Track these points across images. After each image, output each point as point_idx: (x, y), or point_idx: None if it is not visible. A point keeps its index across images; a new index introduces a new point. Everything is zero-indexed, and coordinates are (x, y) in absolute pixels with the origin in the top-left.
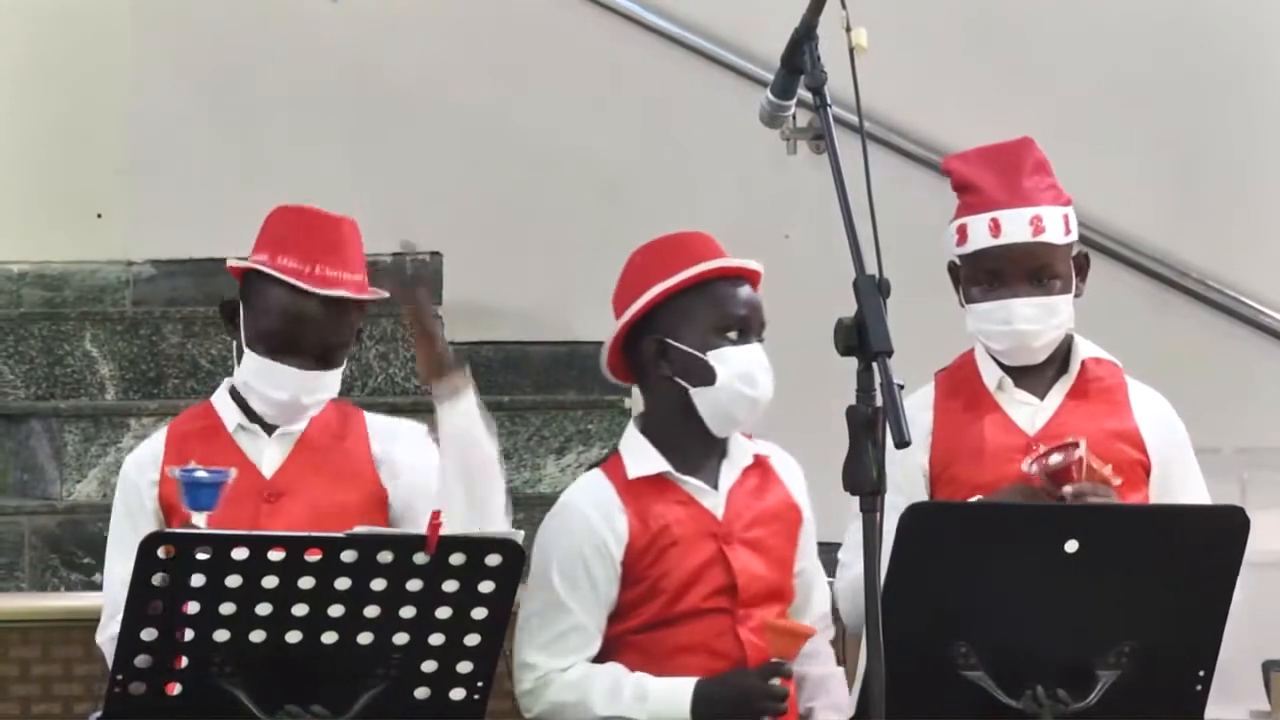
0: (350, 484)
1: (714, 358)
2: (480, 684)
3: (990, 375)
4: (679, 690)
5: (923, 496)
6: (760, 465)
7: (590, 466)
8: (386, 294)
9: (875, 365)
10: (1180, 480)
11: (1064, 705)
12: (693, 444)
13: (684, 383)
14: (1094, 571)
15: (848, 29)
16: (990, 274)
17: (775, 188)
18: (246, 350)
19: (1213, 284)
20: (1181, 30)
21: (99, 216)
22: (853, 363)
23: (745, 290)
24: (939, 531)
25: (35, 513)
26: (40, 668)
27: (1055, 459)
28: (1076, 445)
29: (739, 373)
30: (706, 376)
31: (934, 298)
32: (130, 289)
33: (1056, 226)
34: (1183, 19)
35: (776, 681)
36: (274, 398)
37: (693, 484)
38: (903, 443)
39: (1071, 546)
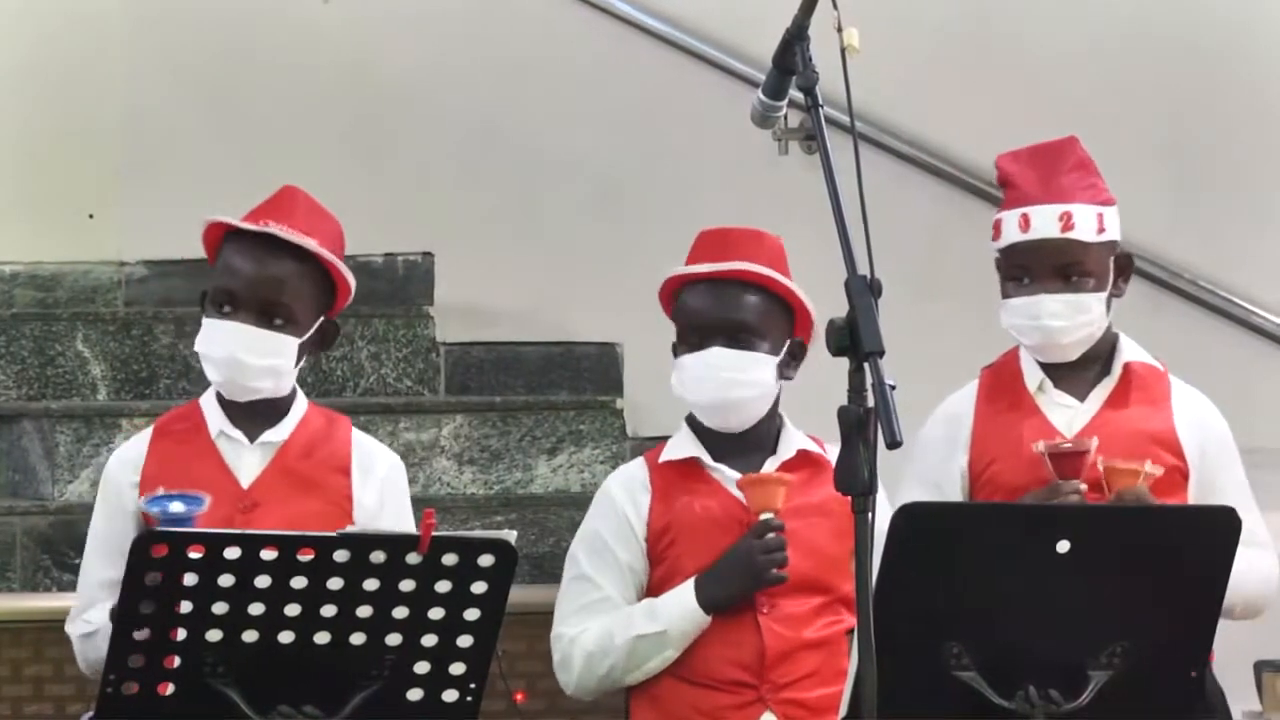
0: (326, 498)
1: (675, 366)
2: (473, 685)
3: (1032, 376)
4: (683, 588)
5: (960, 497)
6: (811, 461)
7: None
8: (322, 249)
9: (867, 366)
10: (1220, 485)
11: (1056, 705)
12: (729, 436)
13: None
14: (1086, 572)
15: (839, 29)
16: (1021, 269)
17: (767, 188)
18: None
19: (1207, 285)
20: (1176, 32)
21: (91, 217)
22: (845, 363)
23: (707, 295)
24: (931, 532)
25: (27, 513)
26: (32, 668)
27: (1065, 445)
28: (1088, 441)
29: (683, 379)
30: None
31: (926, 298)
32: (122, 289)
33: (1088, 224)
34: (1177, 21)
35: (770, 536)
36: (217, 356)
37: (724, 472)
38: (894, 443)
39: (1063, 547)
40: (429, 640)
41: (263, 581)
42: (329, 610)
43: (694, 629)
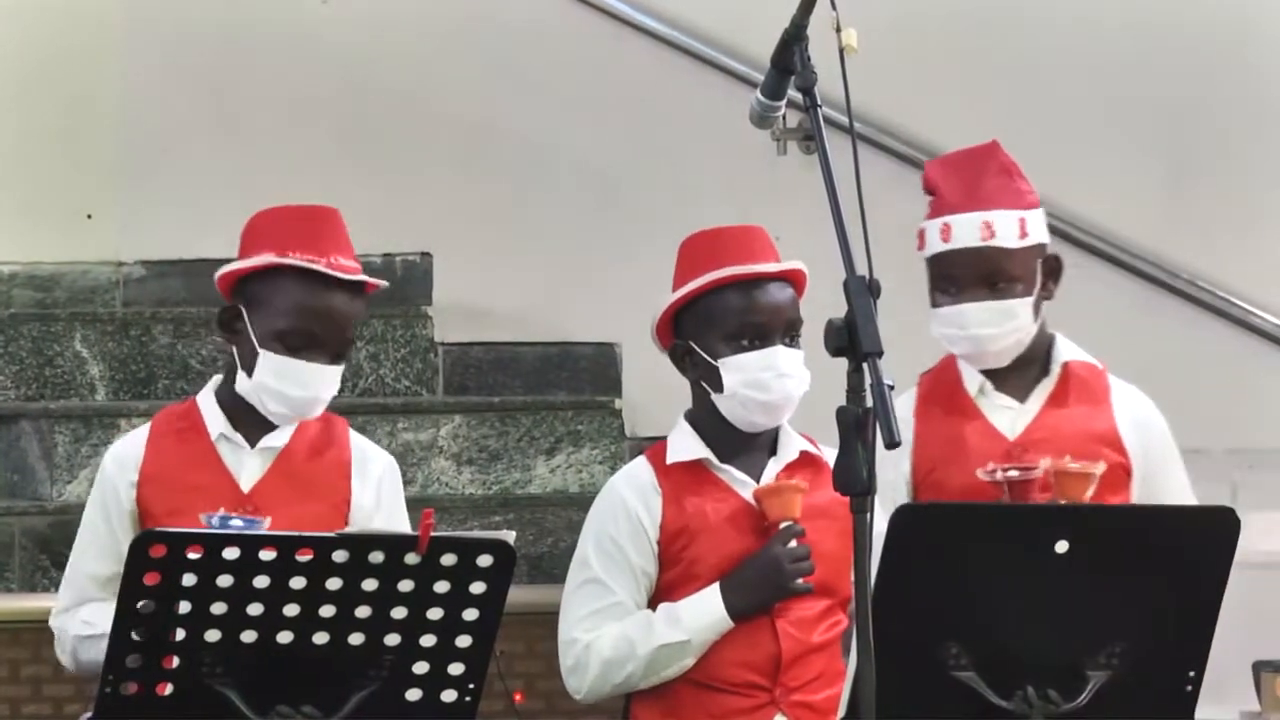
0: (327, 501)
1: (724, 365)
2: (472, 685)
3: (971, 380)
4: (707, 596)
5: (905, 501)
6: (811, 463)
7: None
8: (384, 283)
9: (865, 366)
10: (1162, 481)
11: (1055, 706)
12: (732, 436)
13: (706, 386)
14: (1085, 572)
15: (838, 29)
16: (946, 279)
17: (765, 188)
18: (261, 352)
19: (1203, 285)
20: (1172, 32)
21: (89, 217)
22: (844, 363)
23: (763, 294)
24: (929, 532)
25: (25, 513)
26: (30, 668)
27: (1013, 473)
28: (1035, 466)
29: (746, 380)
30: (717, 384)
31: (924, 298)
32: (120, 290)
33: (1009, 230)
34: (1173, 20)
35: (794, 542)
36: (296, 396)
37: (732, 474)
38: (892, 443)
39: (1062, 547)
40: (428, 640)
41: (261, 582)
42: (328, 610)
43: (716, 637)
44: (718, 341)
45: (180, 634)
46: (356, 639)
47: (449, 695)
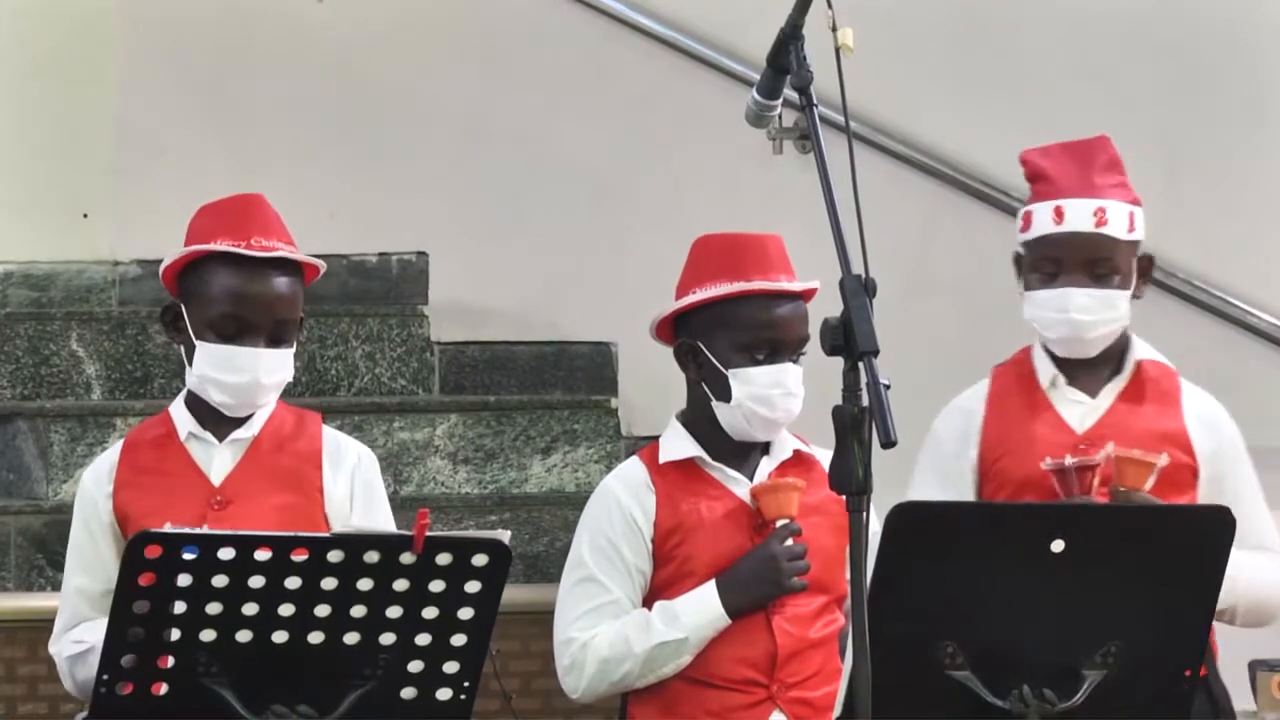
0: (299, 491)
1: (734, 376)
2: (467, 684)
3: (1044, 372)
4: (704, 594)
5: (970, 493)
6: (804, 461)
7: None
8: (322, 264)
9: (861, 365)
10: (1232, 485)
11: (1050, 705)
12: (725, 437)
13: (708, 390)
14: (1081, 571)
15: (833, 29)
16: (1050, 261)
17: (761, 187)
18: (197, 344)
19: (1200, 284)
20: (1169, 31)
21: (85, 216)
22: (839, 361)
23: (779, 309)
24: (926, 531)
25: (21, 512)
26: (26, 667)
27: (1070, 461)
28: (1094, 456)
29: (754, 394)
30: (723, 393)
31: (919, 296)
32: (116, 289)
33: (1120, 221)
34: (1170, 20)
35: (790, 541)
36: (233, 382)
37: (726, 472)
38: (888, 443)
39: (1058, 546)
40: (423, 639)
41: (256, 581)
42: (323, 610)
43: (713, 634)
44: (730, 349)
45: (175, 634)
46: (352, 638)
47: (444, 694)
